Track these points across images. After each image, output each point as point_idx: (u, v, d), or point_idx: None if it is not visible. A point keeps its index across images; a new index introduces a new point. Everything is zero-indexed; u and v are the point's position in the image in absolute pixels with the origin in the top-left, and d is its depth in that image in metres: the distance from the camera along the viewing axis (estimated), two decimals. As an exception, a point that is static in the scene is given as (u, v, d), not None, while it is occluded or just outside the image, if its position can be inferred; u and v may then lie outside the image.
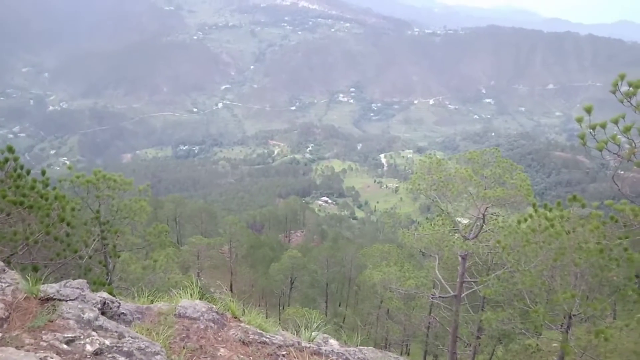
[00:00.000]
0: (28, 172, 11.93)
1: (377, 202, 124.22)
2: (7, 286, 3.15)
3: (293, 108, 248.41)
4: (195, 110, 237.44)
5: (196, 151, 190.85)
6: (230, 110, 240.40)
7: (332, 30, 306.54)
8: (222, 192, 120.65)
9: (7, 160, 11.46)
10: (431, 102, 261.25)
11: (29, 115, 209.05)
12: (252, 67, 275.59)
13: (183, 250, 35.40)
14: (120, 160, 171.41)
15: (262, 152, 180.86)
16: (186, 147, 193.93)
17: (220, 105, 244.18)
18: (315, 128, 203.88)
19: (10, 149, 11.82)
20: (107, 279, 12.64)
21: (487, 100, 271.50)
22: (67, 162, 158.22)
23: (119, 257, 13.60)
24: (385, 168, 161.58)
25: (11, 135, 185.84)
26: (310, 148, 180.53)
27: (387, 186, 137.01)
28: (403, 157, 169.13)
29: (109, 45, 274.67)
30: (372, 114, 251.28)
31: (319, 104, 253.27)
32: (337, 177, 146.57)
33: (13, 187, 11.33)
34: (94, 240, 12.50)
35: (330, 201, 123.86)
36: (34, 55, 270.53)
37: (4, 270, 3.76)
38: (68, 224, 11.28)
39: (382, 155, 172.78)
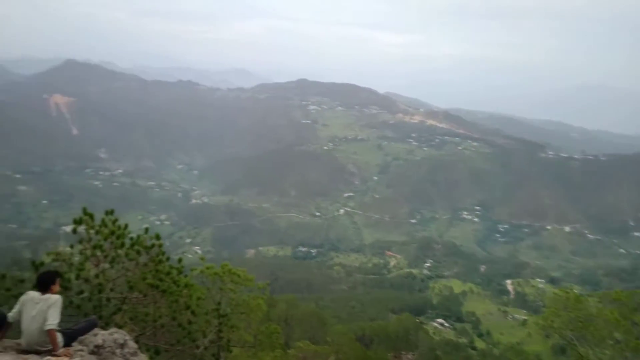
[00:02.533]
0: (167, 259, 13.21)
1: (501, 334, 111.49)
2: (137, 370, 3.46)
3: (413, 221, 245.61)
4: (317, 214, 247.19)
5: (314, 254, 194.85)
6: (350, 217, 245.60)
7: (459, 148, 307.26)
8: (334, 298, 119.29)
9: (153, 245, 12.91)
10: (567, 229, 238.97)
11: (175, 206, 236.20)
12: (375, 178, 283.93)
13: (289, 354, 34.83)
14: (244, 255, 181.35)
15: (378, 262, 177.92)
16: (305, 248, 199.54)
17: (341, 211, 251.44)
18: (435, 244, 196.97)
19: (158, 237, 13.32)
20: (216, 374, 12.80)
21: (637, 234, 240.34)
22: (199, 252, 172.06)
23: (231, 352, 13.85)
24: (511, 296, 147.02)
25: (158, 222, 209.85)
26: (428, 264, 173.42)
27: (513, 316, 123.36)
28: (533, 286, 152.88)
29: (249, 152, 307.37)
30: (498, 235, 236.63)
31: (441, 220, 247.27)
32: (455, 298, 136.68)
33: (153, 271, 12.58)
34: (211, 331, 13.00)
35: (446, 324, 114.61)
36: (188, 155, 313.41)
37: (136, 353, 4.08)
38: (192, 312, 11.98)
39: (508, 281, 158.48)
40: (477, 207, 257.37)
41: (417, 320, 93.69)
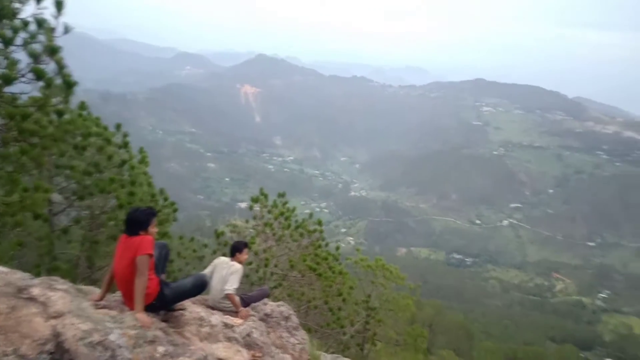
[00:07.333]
0: (327, 245, 13.99)
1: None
2: (298, 343, 3.80)
3: (591, 244, 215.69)
4: (477, 222, 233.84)
5: (468, 263, 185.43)
6: (514, 230, 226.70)
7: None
8: (486, 312, 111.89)
9: (315, 230, 13.78)
10: None
11: (335, 196, 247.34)
12: (551, 191, 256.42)
13: (432, 361, 34.00)
14: (395, 252, 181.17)
15: (541, 284, 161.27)
16: (460, 256, 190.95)
17: (505, 222, 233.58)
18: (616, 274, 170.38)
19: (320, 223, 14.16)
20: (359, 363, 13.18)
21: None
22: (352, 242, 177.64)
23: (375, 345, 14.10)
24: None
25: (318, 209, 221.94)
26: (604, 295, 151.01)
27: None
28: None
29: (413, 150, 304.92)
30: None
31: (628, 248, 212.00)
32: (635, 339, 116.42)
33: (312, 254, 13.44)
34: (358, 321, 13.40)
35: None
36: (352, 149, 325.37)
37: (298, 328, 4.49)
38: (343, 300, 12.51)
39: None
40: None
41: (581, 355, 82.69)
